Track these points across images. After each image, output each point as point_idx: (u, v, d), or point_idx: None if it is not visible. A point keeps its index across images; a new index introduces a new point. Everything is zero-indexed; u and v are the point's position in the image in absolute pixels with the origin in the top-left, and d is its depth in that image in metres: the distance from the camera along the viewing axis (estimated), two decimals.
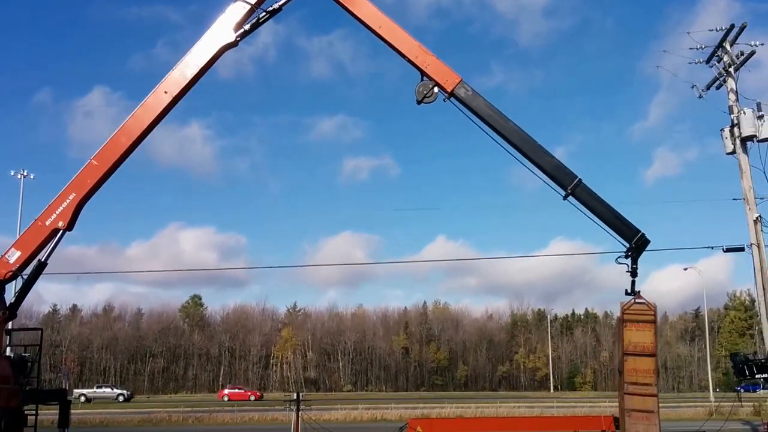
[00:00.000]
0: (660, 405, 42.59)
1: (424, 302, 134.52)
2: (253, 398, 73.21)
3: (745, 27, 22.24)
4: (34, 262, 12.20)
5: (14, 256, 11.84)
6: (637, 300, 13.43)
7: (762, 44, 22.34)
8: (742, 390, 53.69)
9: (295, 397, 21.65)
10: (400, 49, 13.29)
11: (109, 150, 12.45)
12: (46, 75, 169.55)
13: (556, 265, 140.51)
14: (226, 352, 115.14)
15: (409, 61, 13.30)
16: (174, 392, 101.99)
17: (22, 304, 12.62)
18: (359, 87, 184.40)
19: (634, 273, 13.69)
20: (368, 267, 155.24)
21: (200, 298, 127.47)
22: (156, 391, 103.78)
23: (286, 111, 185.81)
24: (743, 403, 38.23)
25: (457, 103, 13.41)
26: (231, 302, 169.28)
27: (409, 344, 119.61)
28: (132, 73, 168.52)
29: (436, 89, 13.25)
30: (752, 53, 22.11)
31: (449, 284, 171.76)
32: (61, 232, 12.17)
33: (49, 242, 12.18)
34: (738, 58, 22.30)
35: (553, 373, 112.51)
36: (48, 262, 12.25)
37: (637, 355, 12.83)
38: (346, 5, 13.39)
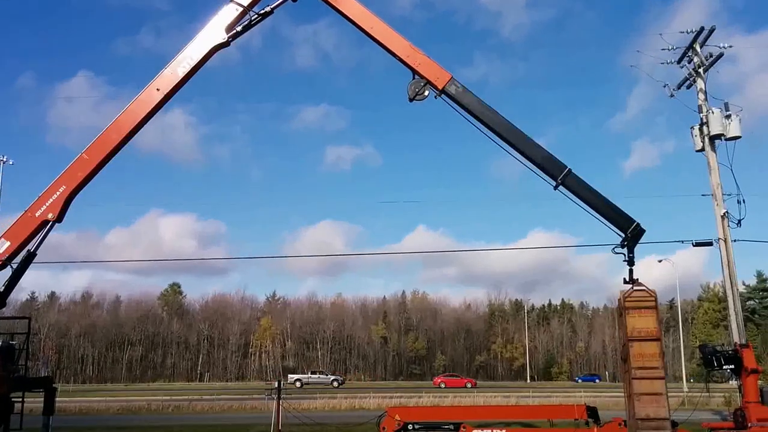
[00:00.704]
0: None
1: (403, 292, 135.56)
2: (469, 385, 72.55)
3: (714, 30, 23.06)
4: (23, 253, 12.42)
5: (3, 247, 12.03)
6: (636, 287, 13.81)
7: (730, 46, 23.25)
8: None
9: (276, 385, 22.04)
10: (391, 48, 13.60)
11: (100, 144, 12.68)
12: (29, 59, 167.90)
13: (534, 256, 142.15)
14: (205, 341, 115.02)
15: (401, 60, 13.62)
16: (152, 380, 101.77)
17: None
18: (343, 76, 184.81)
19: (631, 262, 14.06)
20: (348, 256, 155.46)
21: (179, 286, 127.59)
22: (134, 379, 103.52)
23: (270, 99, 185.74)
24: (715, 394, 39.09)
25: (447, 99, 13.75)
26: (210, 290, 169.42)
27: (387, 333, 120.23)
28: (116, 59, 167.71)
29: (427, 87, 13.58)
30: (720, 55, 22.95)
31: (428, 274, 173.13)
32: (50, 223, 12.41)
33: (38, 233, 12.39)
34: (707, 60, 23.09)
35: (529, 363, 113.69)
36: (37, 252, 12.49)
37: (641, 341, 13.19)
38: (339, 8, 13.67)
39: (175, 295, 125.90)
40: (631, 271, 14.11)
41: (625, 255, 14.09)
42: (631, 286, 14.02)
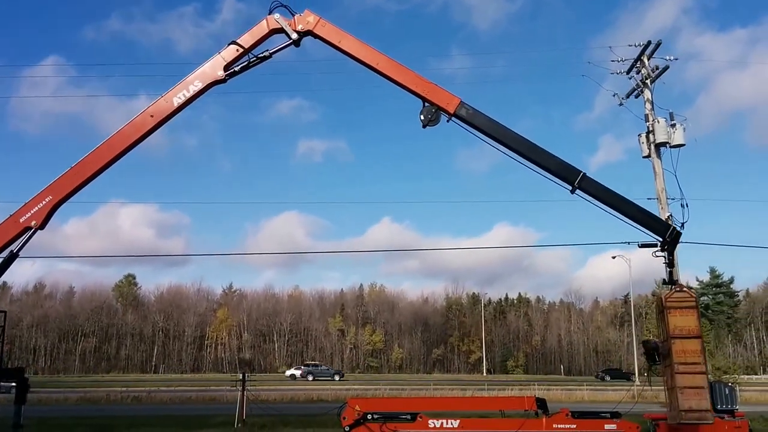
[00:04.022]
0: (587, 389, 44.33)
1: (361, 285, 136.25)
2: None
3: (660, 44, 24.86)
4: (6, 253, 12.80)
5: None
6: (677, 289, 14.39)
7: (676, 59, 24.85)
8: None
9: (241, 376, 22.58)
10: (399, 80, 13.86)
11: (91, 160, 13.04)
12: None
13: (496, 250, 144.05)
14: (160, 333, 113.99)
15: (410, 90, 13.89)
16: (106, 372, 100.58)
17: None
18: (318, 70, 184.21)
19: (671, 264, 14.57)
20: (308, 248, 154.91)
21: (134, 277, 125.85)
22: (87, 371, 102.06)
23: (242, 90, 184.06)
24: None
25: (459, 121, 13.99)
26: (166, 282, 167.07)
27: (345, 326, 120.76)
28: (85, 44, 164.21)
29: (439, 112, 13.84)
30: (666, 68, 24.61)
31: (390, 267, 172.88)
32: (33, 230, 12.82)
33: (21, 237, 12.79)
34: (654, 72, 24.61)
35: (486, 356, 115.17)
36: (20, 254, 12.90)
37: (683, 338, 13.87)
38: (343, 49, 13.90)
39: (129, 286, 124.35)
40: (671, 273, 14.62)
41: (665, 258, 14.56)
42: (671, 287, 14.58)
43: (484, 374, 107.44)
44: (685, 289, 14.59)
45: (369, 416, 17.12)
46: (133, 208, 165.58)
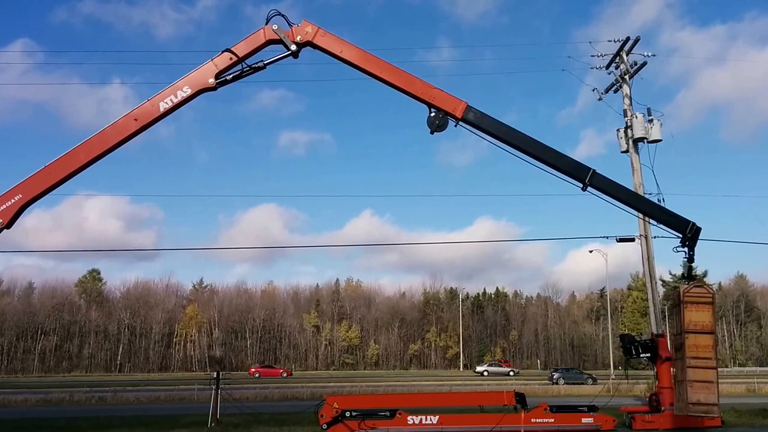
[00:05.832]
0: (564, 383, 44.60)
1: (337, 280, 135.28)
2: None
3: (639, 40, 25.41)
4: None
5: None
6: (695, 284, 14.45)
7: (654, 55, 25.60)
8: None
9: (215, 375, 22.05)
10: (406, 89, 13.64)
11: (66, 161, 12.43)
12: None
13: (476, 244, 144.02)
14: (126, 330, 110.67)
15: (417, 97, 13.69)
16: (67, 371, 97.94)
17: None
18: (302, 61, 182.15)
19: (691, 259, 14.59)
20: (284, 241, 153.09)
21: (99, 273, 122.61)
22: (48, 370, 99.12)
23: None
24: (639, 381, 40.83)
25: (467, 126, 13.85)
26: (133, 277, 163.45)
27: (320, 322, 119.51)
28: (55, 27, 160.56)
29: (446, 117, 13.60)
30: (644, 63, 25.30)
31: (368, 261, 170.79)
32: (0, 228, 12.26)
33: None
34: (632, 68, 24.96)
35: (463, 351, 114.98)
36: None
37: (697, 333, 13.97)
38: (345, 58, 13.34)
39: (94, 281, 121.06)
40: (690, 268, 14.72)
41: (685, 253, 14.56)
42: (689, 282, 14.60)
43: (461, 369, 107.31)
44: (703, 285, 14.68)
45: (347, 413, 16.72)
46: (102, 199, 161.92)
